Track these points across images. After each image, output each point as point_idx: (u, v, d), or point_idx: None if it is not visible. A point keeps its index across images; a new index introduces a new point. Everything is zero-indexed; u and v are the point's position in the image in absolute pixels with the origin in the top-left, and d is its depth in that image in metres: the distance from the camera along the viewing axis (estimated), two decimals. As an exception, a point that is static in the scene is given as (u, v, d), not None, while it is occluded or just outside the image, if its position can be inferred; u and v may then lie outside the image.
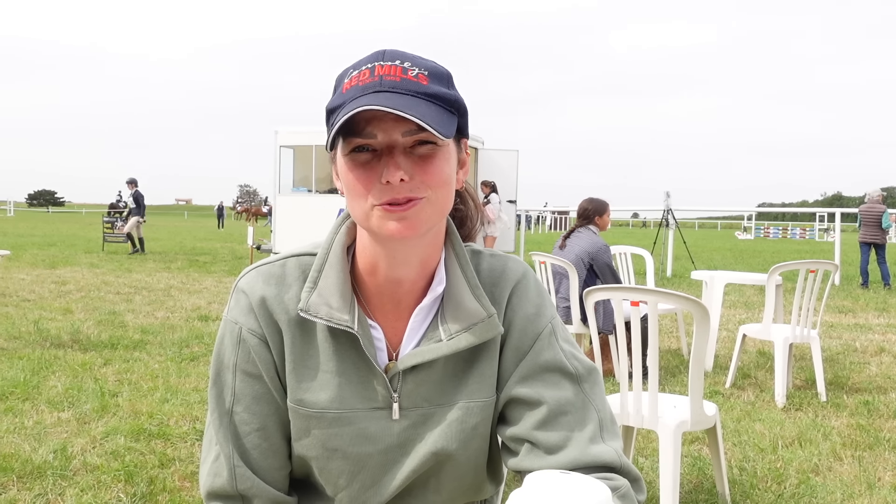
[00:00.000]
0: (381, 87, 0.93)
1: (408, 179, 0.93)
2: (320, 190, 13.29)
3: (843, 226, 14.51)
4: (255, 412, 1.05)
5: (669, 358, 5.85)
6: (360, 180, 0.94)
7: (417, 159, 0.94)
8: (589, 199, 5.24)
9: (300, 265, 1.07)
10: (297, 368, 1.05)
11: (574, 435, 1.00)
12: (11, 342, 5.80)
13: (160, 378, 4.79)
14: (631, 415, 2.80)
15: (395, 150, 0.93)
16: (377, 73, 0.94)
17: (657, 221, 16.42)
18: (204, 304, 8.46)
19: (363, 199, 0.95)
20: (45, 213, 68.05)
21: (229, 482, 1.04)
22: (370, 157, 0.94)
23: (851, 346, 6.67)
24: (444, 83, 0.97)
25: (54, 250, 16.18)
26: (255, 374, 1.05)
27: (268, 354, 1.05)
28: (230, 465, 1.04)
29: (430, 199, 0.95)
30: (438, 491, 1.11)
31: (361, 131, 0.93)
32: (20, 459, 3.20)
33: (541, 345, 1.06)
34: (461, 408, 1.06)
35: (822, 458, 3.55)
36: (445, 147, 0.97)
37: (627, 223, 79.57)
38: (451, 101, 0.96)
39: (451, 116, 0.96)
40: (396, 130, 0.93)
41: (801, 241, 37.65)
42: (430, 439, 1.06)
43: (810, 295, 4.51)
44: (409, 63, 0.95)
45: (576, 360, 1.07)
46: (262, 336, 1.05)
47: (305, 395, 1.05)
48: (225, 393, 1.06)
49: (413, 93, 0.93)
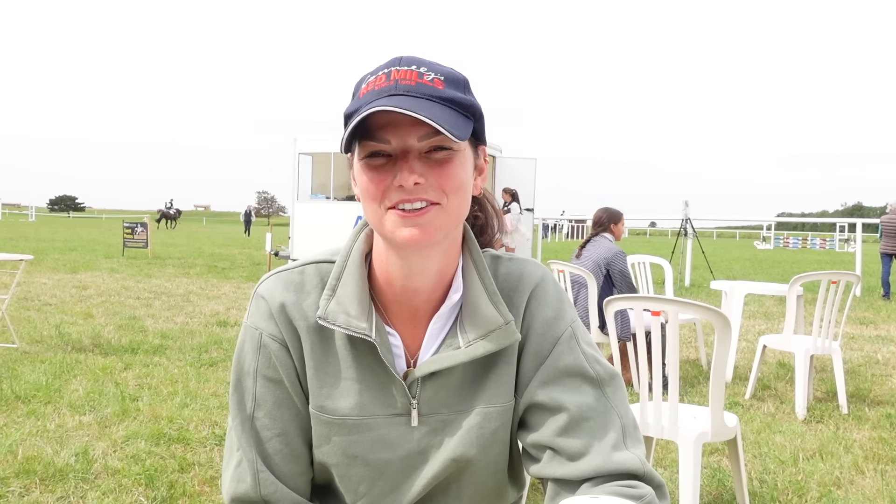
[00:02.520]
0: (396, 90, 0.93)
1: (422, 182, 0.93)
2: (338, 197, 13.36)
3: (863, 236, 14.37)
4: (276, 417, 1.06)
5: (688, 368, 5.81)
6: (373, 183, 0.95)
7: (433, 164, 0.95)
8: (604, 209, 5.30)
9: (319, 272, 1.07)
10: (318, 374, 1.05)
11: (596, 442, 0.99)
12: (34, 346, 5.86)
13: (180, 383, 4.82)
14: (651, 425, 2.79)
15: (409, 154, 0.94)
16: (393, 77, 0.94)
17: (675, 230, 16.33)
18: (222, 309, 8.52)
19: (377, 203, 0.96)
20: (66, 219, 68.75)
21: (253, 487, 1.04)
22: (385, 161, 0.95)
23: (873, 358, 6.60)
24: (461, 88, 0.98)
25: (75, 255, 16.35)
26: (275, 379, 1.06)
27: (288, 359, 1.05)
28: (253, 469, 1.04)
29: (445, 205, 0.95)
30: (459, 497, 1.10)
31: (376, 136, 0.93)
32: (42, 462, 3.23)
33: (561, 349, 1.05)
34: (479, 413, 1.05)
35: (843, 472, 3.51)
36: (461, 152, 0.97)
37: (645, 232, 79.19)
38: (467, 105, 0.96)
39: (466, 120, 0.95)
40: (412, 135, 0.93)
41: (820, 252, 37.30)
42: (450, 445, 1.06)
43: (832, 306, 4.47)
44: (426, 68, 0.96)
45: (597, 363, 1.06)
46: (282, 341, 1.05)
47: (326, 402, 1.05)
48: (246, 398, 1.06)
49: (428, 96, 0.93)
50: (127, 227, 16.91)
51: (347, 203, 12.98)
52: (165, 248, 20.12)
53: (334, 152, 12.97)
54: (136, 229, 16.75)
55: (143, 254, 17.02)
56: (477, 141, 1.03)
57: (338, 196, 13.36)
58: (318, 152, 13.38)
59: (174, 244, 23.28)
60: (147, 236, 16.67)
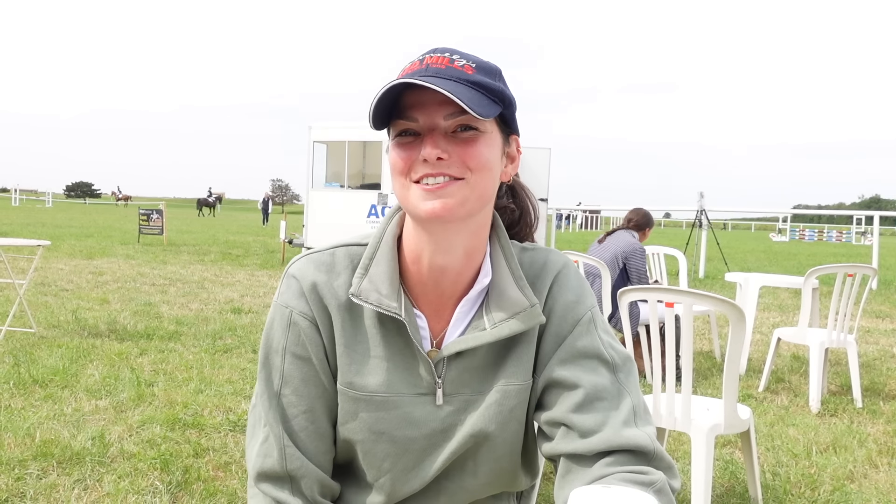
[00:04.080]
0: (425, 72, 0.96)
1: (446, 157, 0.96)
2: (352, 185, 13.36)
3: (881, 229, 14.22)
4: (303, 394, 1.08)
5: (701, 360, 5.79)
6: (401, 158, 0.99)
7: (459, 142, 0.98)
8: (640, 212, 5.37)
9: (349, 254, 1.11)
10: (348, 352, 1.08)
11: (608, 419, 1.02)
12: (51, 331, 5.93)
13: (194, 369, 4.86)
14: (663, 416, 2.78)
15: (435, 131, 0.97)
16: (425, 62, 0.98)
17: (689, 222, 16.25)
18: (237, 296, 8.56)
19: (403, 177, 0.99)
20: (82, 205, 69.22)
21: (279, 462, 1.06)
22: (413, 139, 0.98)
23: (889, 351, 6.55)
24: (491, 76, 1.00)
25: (91, 241, 16.47)
26: (304, 356, 1.08)
27: (318, 337, 1.08)
28: (280, 445, 1.06)
29: (469, 181, 0.98)
30: (475, 474, 1.13)
31: (406, 114, 0.97)
32: (60, 445, 3.27)
33: (580, 330, 1.09)
34: (499, 390, 1.09)
35: (857, 465, 3.49)
36: (488, 134, 1.00)
37: (660, 223, 78.80)
38: (495, 90, 0.99)
39: (492, 103, 0.98)
40: (438, 114, 0.96)
41: (837, 244, 37.00)
42: (470, 422, 1.09)
43: (847, 299, 4.44)
44: (458, 56, 0.99)
45: (612, 349, 1.09)
46: (312, 319, 1.08)
47: (355, 378, 1.08)
48: (274, 375, 1.09)
49: (456, 78, 0.96)
50: (142, 214, 17.01)
51: (361, 191, 12.98)
52: (180, 236, 20.24)
53: (349, 140, 12.97)
54: (152, 216, 16.86)
55: (158, 240, 17.12)
56: (508, 129, 1.05)
57: (352, 185, 13.37)
58: (333, 140, 13.38)
59: (189, 231, 23.40)
60: (162, 223, 16.77)
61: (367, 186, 13.34)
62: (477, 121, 0.97)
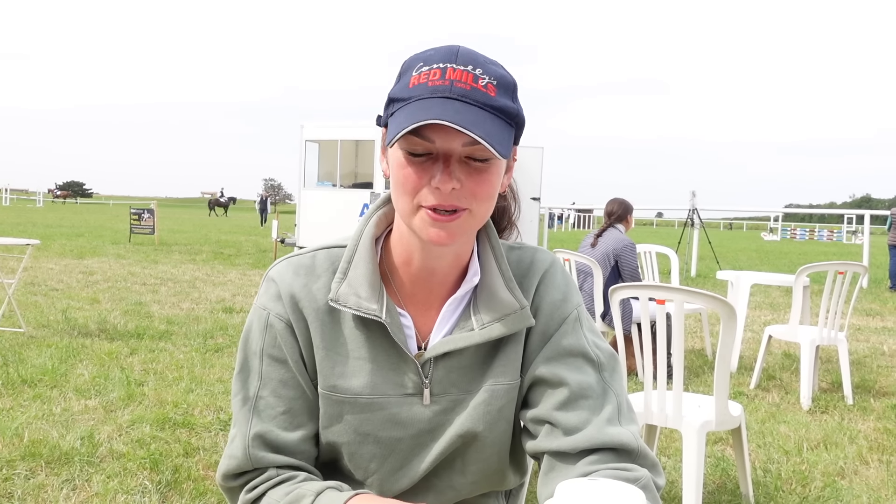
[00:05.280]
0: (450, 93, 0.92)
1: (458, 188, 0.95)
2: (345, 184, 13.34)
3: (871, 228, 14.29)
4: (281, 396, 1.07)
5: (693, 358, 5.80)
6: (410, 179, 0.95)
7: (471, 170, 0.95)
8: (618, 201, 5.41)
9: (329, 257, 1.09)
10: (329, 355, 1.07)
11: (592, 417, 1.02)
12: (40, 330, 5.89)
13: (185, 368, 4.84)
14: (655, 413, 2.78)
15: (451, 158, 0.94)
16: (448, 76, 0.93)
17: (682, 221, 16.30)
18: (228, 296, 8.54)
19: (410, 197, 0.96)
20: (73, 205, 68.95)
21: (244, 460, 1.05)
22: (426, 159, 0.95)
23: (879, 349, 6.58)
24: (510, 95, 0.98)
25: (82, 241, 16.40)
26: (280, 358, 1.07)
27: (293, 340, 1.07)
28: (244, 445, 1.05)
29: (474, 211, 0.97)
30: (464, 472, 1.13)
31: (422, 133, 0.93)
32: (48, 445, 3.25)
33: (565, 328, 1.09)
34: (487, 390, 1.08)
35: (848, 462, 3.50)
36: (499, 161, 0.98)
37: (652, 222, 78.98)
38: (514, 114, 0.97)
39: (510, 131, 0.96)
40: (457, 140, 0.93)
41: (828, 243, 37.16)
42: (458, 422, 1.08)
43: (838, 297, 4.45)
44: (481, 70, 0.95)
45: (598, 348, 1.09)
46: (288, 322, 1.07)
47: (338, 381, 1.07)
48: (251, 379, 1.08)
49: (480, 104, 0.93)
50: (134, 214, 16.94)
51: (354, 190, 12.96)
52: (172, 235, 20.17)
53: (341, 140, 12.96)
54: (143, 215, 16.79)
55: (149, 240, 17.05)
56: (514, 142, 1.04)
57: (344, 184, 13.35)
58: (325, 140, 13.36)
59: (181, 231, 23.33)
60: (154, 222, 16.71)
61: (359, 185, 13.32)
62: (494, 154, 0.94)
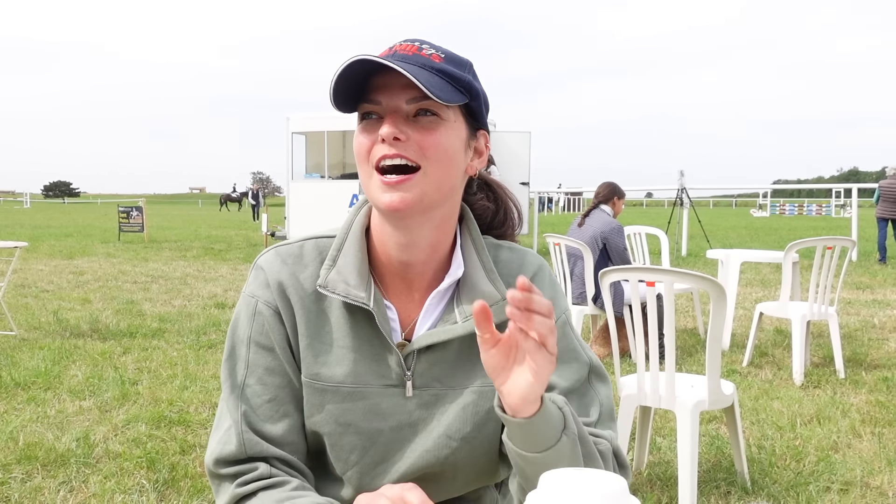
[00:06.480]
0: (392, 57, 0.97)
1: (403, 139, 0.96)
2: (333, 176, 13.29)
3: (859, 201, 14.38)
4: (268, 383, 1.07)
5: (686, 338, 5.83)
6: (361, 143, 0.99)
7: (419, 127, 0.98)
8: (607, 183, 5.42)
9: (317, 247, 1.10)
10: (313, 344, 1.07)
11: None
12: (32, 332, 5.87)
13: (179, 366, 4.83)
14: (648, 395, 2.80)
15: (397, 113, 0.97)
16: (394, 49, 0.99)
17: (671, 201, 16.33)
18: (220, 291, 8.52)
19: (365, 163, 1.00)
20: (61, 204, 68.53)
21: (238, 448, 1.04)
22: (376, 122, 0.99)
23: (869, 322, 6.63)
24: (460, 67, 1.01)
25: (71, 241, 16.31)
26: (267, 346, 1.07)
27: (280, 327, 1.07)
28: (239, 431, 1.05)
29: (426, 172, 0.98)
30: (455, 476, 1.12)
31: (369, 97, 0.98)
32: (44, 448, 3.24)
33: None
34: (475, 391, 1.08)
35: (841, 436, 3.53)
36: (451, 123, 1.00)
37: (641, 203, 79.14)
38: (461, 80, 0.99)
39: (456, 91, 0.98)
40: (401, 97, 0.97)
41: (817, 218, 37.33)
42: (444, 421, 1.08)
43: (828, 272, 4.47)
44: (428, 46, 1.00)
45: (586, 354, 1.10)
46: (275, 308, 1.07)
47: (321, 370, 1.07)
48: (238, 366, 1.08)
49: (421, 64, 0.96)
50: (122, 212, 16.85)
51: (342, 181, 12.92)
52: (161, 232, 20.09)
53: (328, 131, 12.89)
54: (132, 213, 16.70)
55: (139, 238, 16.97)
56: (476, 123, 1.05)
57: (332, 175, 13.30)
58: (312, 131, 13.29)
59: (170, 227, 23.23)
60: (143, 220, 16.62)
61: (347, 176, 13.27)
62: (439, 108, 0.97)
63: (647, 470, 3.12)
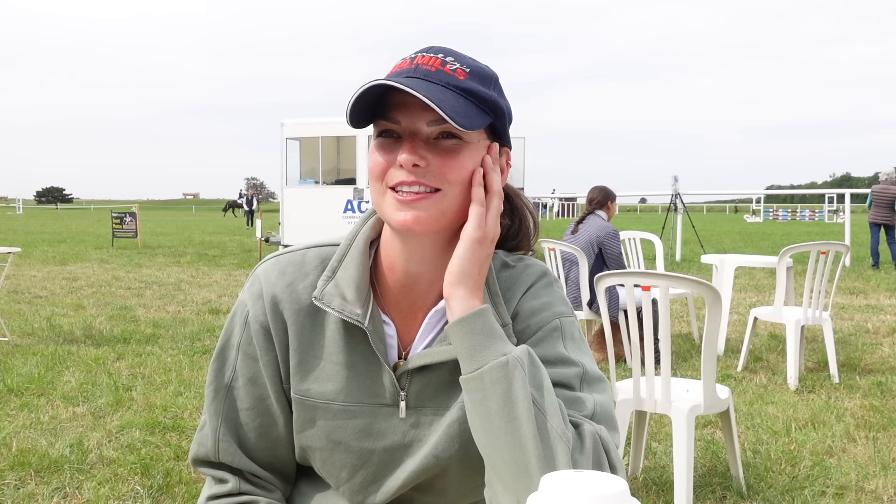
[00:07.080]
0: (414, 73, 0.92)
1: (423, 165, 0.92)
2: (327, 181, 13.29)
3: (852, 206, 14.44)
4: (250, 392, 1.07)
5: (680, 342, 5.84)
6: (377, 161, 0.95)
7: (439, 151, 0.93)
8: (599, 188, 5.40)
9: (320, 255, 1.07)
10: (305, 360, 1.05)
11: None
12: (25, 338, 5.84)
13: (173, 371, 4.81)
14: (644, 399, 2.80)
15: (416, 137, 0.93)
16: (416, 62, 0.94)
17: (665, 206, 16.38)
18: (214, 297, 8.49)
19: (379, 182, 0.96)
20: (54, 210, 68.31)
21: (213, 453, 1.06)
22: (394, 142, 0.94)
23: (863, 327, 6.65)
24: (486, 83, 0.96)
25: (64, 247, 16.26)
26: (253, 356, 1.07)
27: (268, 343, 1.06)
28: (215, 436, 1.06)
29: (446, 194, 0.94)
30: (444, 493, 1.09)
31: (388, 115, 0.93)
32: (37, 454, 3.22)
33: (541, 335, 1.02)
34: (461, 407, 1.02)
35: (835, 440, 3.54)
36: (473, 145, 0.95)
37: (636, 208, 79.27)
38: (487, 99, 0.94)
39: (480, 113, 0.93)
40: (422, 119, 0.92)
41: (810, 223, 37.47)
42: (432, 440, 1.04)
43: (821, 277, 4.49)
44: (452, 58, 0.94)
45: (578, 360, 1.01)
46: (265, 325, 1.05)
47: (311, 386, 1.05)
48: (226, 368, 1.08)
49: (444, 83, 0.91)
50: (116, 218, 16.80)
51: (337, 187, 12.91)
52: (155, 238, 20.03)
53: (322, 136, 12.89)
54: (125, 219, 16.66)
55: (132, 243, 16.93)
56: (499, 140, 1.00)
57: (327, 181, 13.29)
58: (306, 137, 13.29)
59: (164, 233, 23.17)
60: (136, 226, 16.58)
61: (342, 182, 13.26)
62: (462, 131, 0.92)
63: (642, 475, 3.12)
